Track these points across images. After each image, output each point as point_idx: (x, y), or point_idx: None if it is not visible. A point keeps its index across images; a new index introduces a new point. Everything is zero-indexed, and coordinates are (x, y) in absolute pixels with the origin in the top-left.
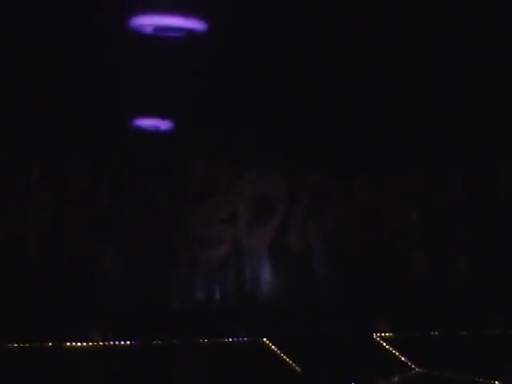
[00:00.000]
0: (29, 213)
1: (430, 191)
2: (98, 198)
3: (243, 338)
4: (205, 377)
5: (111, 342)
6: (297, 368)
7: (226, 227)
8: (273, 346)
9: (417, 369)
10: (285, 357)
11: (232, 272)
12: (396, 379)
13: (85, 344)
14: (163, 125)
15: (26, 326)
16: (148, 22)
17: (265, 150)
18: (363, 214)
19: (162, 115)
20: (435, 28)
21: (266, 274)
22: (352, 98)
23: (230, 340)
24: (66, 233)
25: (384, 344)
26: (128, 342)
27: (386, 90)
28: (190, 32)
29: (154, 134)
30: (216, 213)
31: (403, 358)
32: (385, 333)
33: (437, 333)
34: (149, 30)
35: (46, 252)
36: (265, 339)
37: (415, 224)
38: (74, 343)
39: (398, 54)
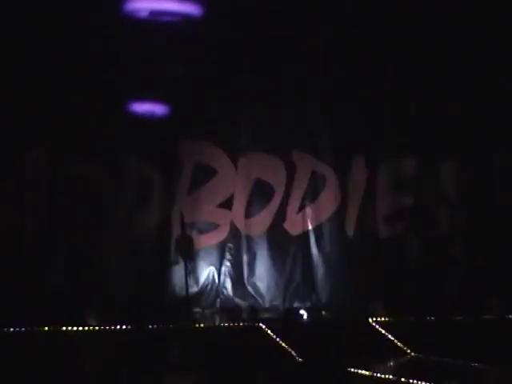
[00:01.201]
0: (25, 199)
1: (425, 177)
2: (93, 184)
3: (240, 322)
4: (201, 361)
5: (107, 327)
6: (293, 353)
7: (223, 212)
8: (269, 332)
9: (412, 354)
10: (281, 342)
11: (228, 257)
12: (392, 364)
13: (81, 328)
14: (159, 110)
15: (23, 311)
16: (143, 6)
17: (261, 134)
18: (359, 200)
19: (157, 100)
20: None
21: (263, 260)
22: (349, 85)
23: (227, 325)
24: (62, 219)
25: (380, 329)
26: (124, 327)
27: (382, 78)
28: (185, 17)
29: (150, 119)
30: (213, 197)
31: (399, 343)
32: (381, 317)
33: (432, 318)
34: (144, 14)
35: (42, 238)
36: (261, 324)
37: (411, 210)
38: (70, 327)
39: (396, 44)
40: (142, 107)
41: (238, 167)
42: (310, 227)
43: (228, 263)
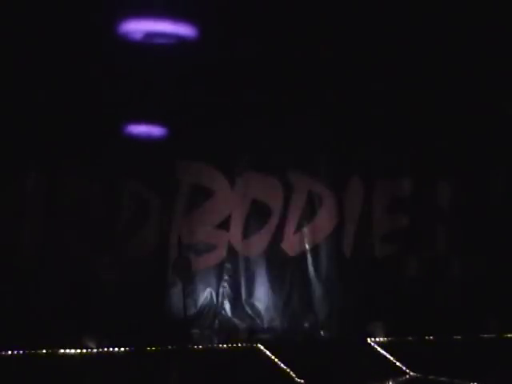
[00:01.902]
0: (22, 220)
1: (422, 195)
2: (91, 205)
3: (238, 343)
4: (199, 383)
5: (105, 349)
6: (291, 374)
7: (221, 233)
8: (268, 352)
9: (411, 373)
10: (280, 363)
11: (226, 278)
12: None
13: (79, 351)
14: (156, 132)
15: (20, 333)
16: (138, 28)
17: (258, 154)
18: (356, 220)
19: (153, 122)
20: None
21: (261, 280)
22: (346, 105)
23: (225, 346)
24: (60, 240)
25: (379, 349)
26: (122, 349)
27: (378, 95)
28: (180, 38)
29: (146, 140)
30: (210, 218)
31: (398, 363)
32: (379, 338)
33: (431, 337)
34: (139, 36)
35: (39, 259)
36: (260, 345)
37: (407, 229)
38: (67, 350)
39: (392, 60)
40: (139, 129)
41: (235, 188)
42: (308, 247)
43: (226, 284)
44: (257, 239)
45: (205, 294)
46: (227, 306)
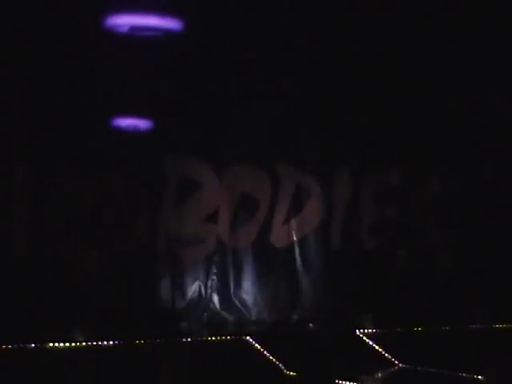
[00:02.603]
0: (12, 214)
1: (412, 187)
2: (80, 198)
3: (227, 336)
4: (188, 376)
5: (94, 343)
6: (280, 366)
7: (209, 226)
8: (256, 344)
9: (400, 365)
10: (268, 355)
11: (214, 271)
12: (380, 375)
13: (68, 344)
14: (142, 124)
15: (9, 327)
16: (123, 21)
17: (247, 147)
18: (344, 212)
19: (141, 115)
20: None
21: (249, 273)
22: (333, 94)
23: (214, 339)
24: (49, 234)
25: (367, 340)
26: (111, 342)
27: (366, 87)
28: (166, 31)
29: (134, 133)
30: (198, 211)
31: (387, 355)
32: (368, 329)
33: (420, 329)
34: (125, 29)
35: (29, 253)
36: (248, 337)
37: (396, 221)
38: (57, 344)
39: (380, 57)
40: (126, 122)
41: (223, 180)
42: (296, 239)
43: (214, 277)
44: (245, 232)
45: (193, 287)
46: (215, 298)
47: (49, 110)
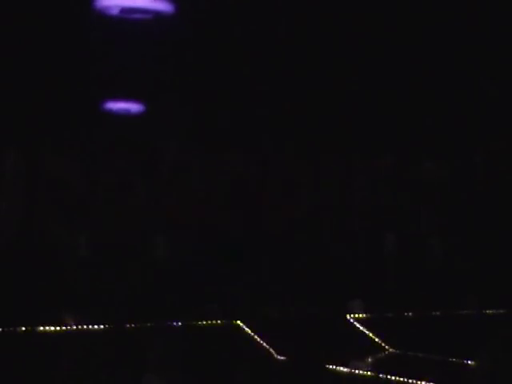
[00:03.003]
0: (2, 198)
1: (403, 173)
2: (71, 182)
3: (218, 320)
4: (180, 359)
5: (84, 326)
6: (271, 350)
7: (200, 210)
8: (247, 329)
9: (390, 349)
10: (259, 339)
11: (207, 256)
12: (370, 360)
13: (58, 328)
14: (134, 108)
15: None
16: (114, 3)
17: (236, 134)
18: (335, 197)
19: (133, 98)
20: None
21: (240, 258)
22: (324, 81)
23: (205, 322)
24: (39, 218)
25: (358, 325)
26: (102, 326)
27: (358, 73)
28: (157, 14)
29: (126, 117)
30: (189, 195)
31: (377, 339)
32: (358, 314)
33: (410, 314)
34: (115, 11)
35: (19, 237)
36: (239, 322)
37: (388, 206)
38: (47, 327)
39: (375, 44)
40: (117, 105)
41: (214, 166)
42: (288, 226)
43: (207, 262)
44: (238, 218)
45: (184, 273)
46: (209, 283)
47: (39, 93)
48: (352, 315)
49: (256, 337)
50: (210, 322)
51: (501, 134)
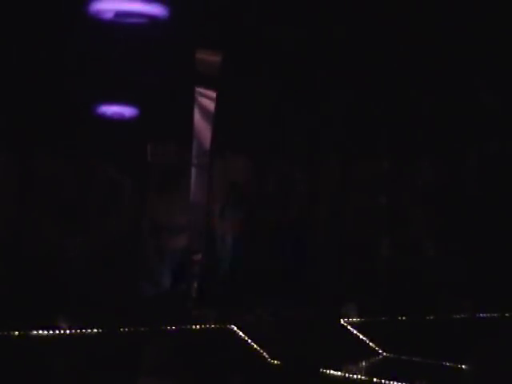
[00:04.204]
0: None
1: (396, 177)
2: (63, 186)
3: (211, 324)
4: (173, 364)
5: (78, 330)
6: (265, 354)
7: (196, 213)
8: (240, 333)
9: (384, 354)
10: (252, 343)
11: (201, 258)
12: (364, 364)
13: (52, 332)
14: (128, 112)
15: None
16: (109, 7)
17: (233, 136)
18: (330, 200)
19: (126, 102)
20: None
21: (235, 260)
22: (319, 85)
23: (198, 327)
24: (31, 221)
25: (352, 329)
26: (94, 330)
27: (355, 78)
28: (151, 18)
29: (119, 121)
30: (184, 199)
31: (371, 344)
32: (353, 318)
33: (404, 318)
34: (110, 16)
35: (11, 240)
36: (233, 326)
37: (382, 210)
38: (40, 331)
39: (372, 47)
40: (112, 109)
41: (209, 169)
42: (282, 227)
43: (200, 264)
44: (230, 220)
45: (178, 275)
46: (201, 286)
47: (32, 96)
48: (346, 319)
49: (249, 340)
50: (203, 325)
51: (499, 136)
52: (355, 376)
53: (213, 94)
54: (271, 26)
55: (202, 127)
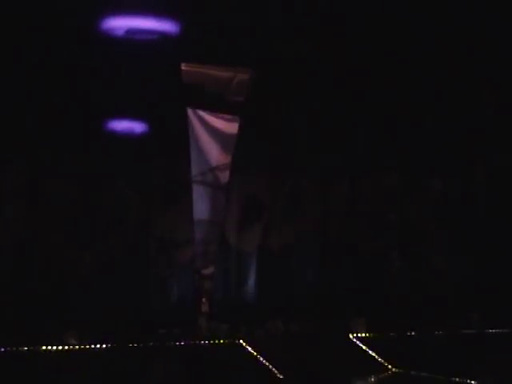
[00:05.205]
0: (2, 216)
1: (407, 192)
2: (71, 200)
3: (220, 339)
4: (181, 379)
5: (87, 346)
6: (273, 369)
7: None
8: (249, 348)
9: (393, 369)
10: (261, 358)
11: (208, 273)
12: (372, 379)
13: (60, 347)
14: (136, 127)
15: (1, 331)
16: (120, 24)
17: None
18: (340, 215)
19: (135, 117)
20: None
21: (245, 275)
22: (329, 98)
23: (207, 342)
24: (40, 236)
25: (360, 344)
26: (104, 345)
27: (363, 91)
28: (162, 35)
29: (128, 136)
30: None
31: (379, 359)
32: (361, 333)
33: (413, 333)
34: (121, 33)
35: (19, 255)
36: (241, 341)
37: (392, 224)
38: (49, 347)
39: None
40: (118, 125)
41: (218, 182)
42: (293, 242)
43: (208, 279)
44: (242, 233)
45: (187, 290)
46: (210, 301)
47: (41, 110)
48: (354, 334)
49: (258, 355)
50: (212, 341)
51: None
52: None
53: (222, 111)
54: (282, 40)
55: (211, 143)
